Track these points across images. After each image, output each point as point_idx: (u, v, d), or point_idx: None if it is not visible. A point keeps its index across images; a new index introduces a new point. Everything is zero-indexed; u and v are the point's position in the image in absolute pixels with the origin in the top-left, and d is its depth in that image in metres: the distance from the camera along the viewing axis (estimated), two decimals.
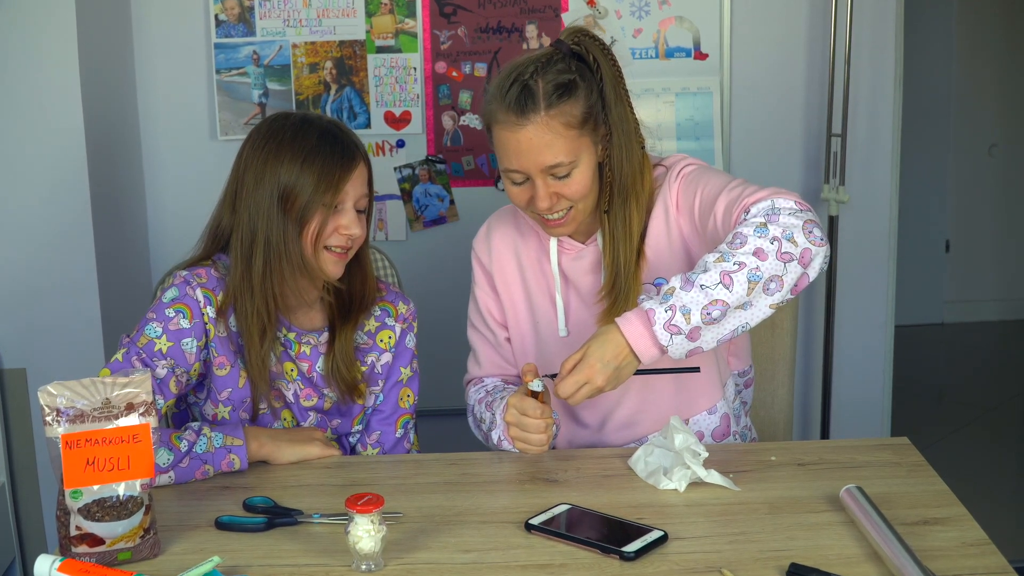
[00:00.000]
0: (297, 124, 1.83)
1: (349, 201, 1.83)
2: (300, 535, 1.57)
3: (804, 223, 1.66)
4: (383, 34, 3.03)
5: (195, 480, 1.77)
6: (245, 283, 1.83)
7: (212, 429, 1.80)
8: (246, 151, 1.86)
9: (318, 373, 1.93)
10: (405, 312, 2.02)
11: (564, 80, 1.77)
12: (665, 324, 1.62)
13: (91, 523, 1.47)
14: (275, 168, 1.80)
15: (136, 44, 3.03)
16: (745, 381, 2.05)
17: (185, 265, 1.90)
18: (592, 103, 1.79)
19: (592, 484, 1.73)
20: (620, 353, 1.66)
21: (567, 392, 1.67)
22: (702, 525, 1.56)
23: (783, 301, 1.65)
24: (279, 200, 1.80)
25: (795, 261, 1.64)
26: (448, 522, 1.60)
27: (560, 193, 1.80)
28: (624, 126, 1.82)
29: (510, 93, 1.76)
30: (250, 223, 1.82)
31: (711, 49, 3.06)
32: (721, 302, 1.62)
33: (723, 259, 1.64)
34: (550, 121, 1.75)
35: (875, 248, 3.22)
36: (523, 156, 1.77)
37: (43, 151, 2.62)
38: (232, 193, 1.86)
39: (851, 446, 1.86)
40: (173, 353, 1.81)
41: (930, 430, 4.26)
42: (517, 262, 2.00)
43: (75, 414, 1.47)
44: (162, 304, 1.83)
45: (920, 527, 1.53)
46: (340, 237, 1.83)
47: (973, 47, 5.45)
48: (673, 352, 1.64)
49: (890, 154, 3.18)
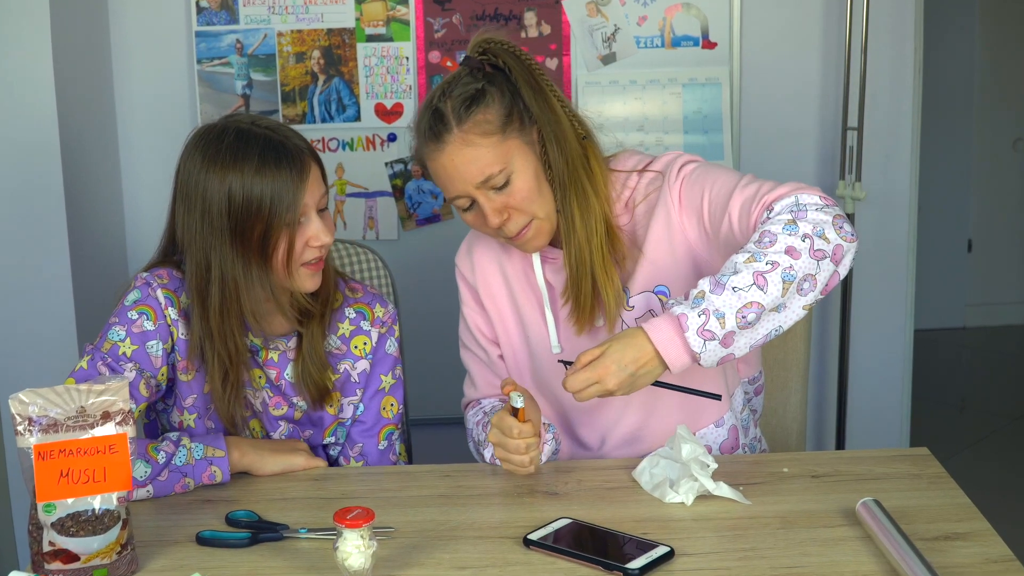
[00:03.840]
0: (234, 143, 1.76)
1: (311, 209, 1.79)
2: (286, 551, 1.57)
3: (833, 218, 1.67)
4: (374, 21, 3.03)
5: (174, 493, 1.77)
6: (203, 323, 1.81)
7: (192, 440, 1.80)
8: (183, 178, 1.80)
9: (287, 381, 1.92)
10: (383, 315, 2.00)
11: (470, 92, 1.81)
12: (699, 330, 1.61)
13: (65, 538, 1.47)
14: (220, 199, 1.75)
15: (113, 32, 3.03)
16: (755, 388, 2.05)
17: (145, 268, 1.90)
18: (508, 105, 1.81)
19: (594, 497, 1.73)
20: (641, 359, 1.64)
21: (574, 387, 1.67)
22: (710, 541, 1.56)
23: (815, 302, 1.66)
24: (231, 234, 1.76)
25: (828, 258, 1.65)
26: (442, 537, 1.60)
27: (508, 205, 1.81)
28: (550, 118, 1.83)
29: (424, 123, 1.82)
30: (203, 258, 1.78)
31: (720, 37, 3.07)
32: (756, 304, 1.61)
33: (754, 259, 1.63)
34: (465, 136, 1.78)
35: (893, 248, 3.22)
36: (453, 179, 1.80)
37: (13, 144, 2.62)
38: (178, 222, 1.82)
39: (868, 457, 1.86)
40: (138, 357, 1.81)
41: (951, 440, 4.26)
42: (503, 275, 2.00)
43: (48, 423, 1.47)
44: (124, 307, 1.84)
45: (941, 543, 1.53)
46: (313, 250, 1.81)
47: (996, 35, 5.46)
48: (705, 360, 1.63)
49: (909, 149, 3.18)
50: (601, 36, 3.04)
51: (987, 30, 5.45)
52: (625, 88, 3.05)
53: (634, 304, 1.88)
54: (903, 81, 3.15)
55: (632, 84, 3.05)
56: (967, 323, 5.72)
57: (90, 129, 2.88)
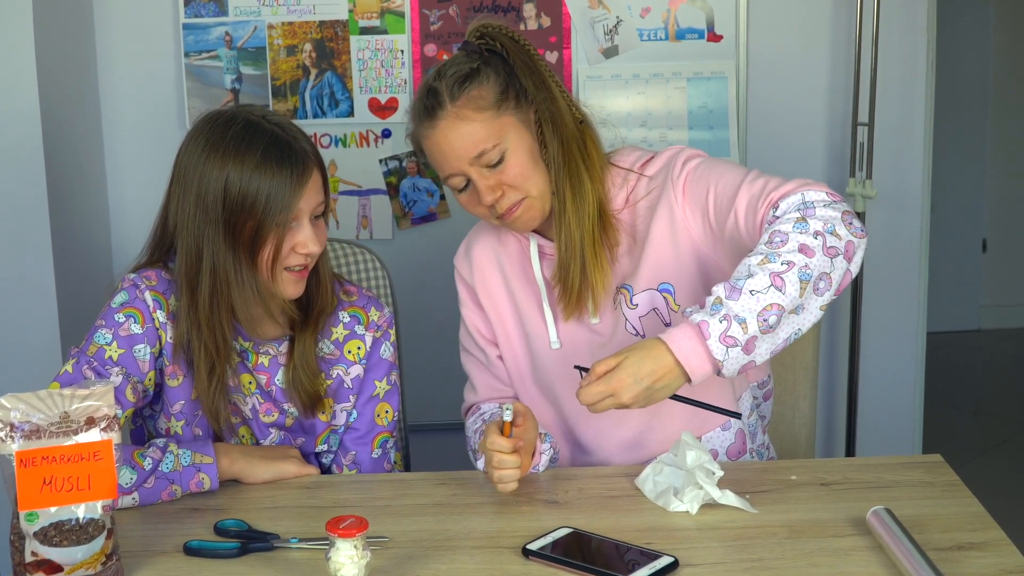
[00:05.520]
0: (239, 133, 1.78)
1: (305, 216, 1.80)
2: (276, 561, 1.57)
3: (842, 214, 1.68)
4: (367, 14, 3.03)
5: (161, 502, 1.77)
6: (191, 313, 1.82)
7: (180, 446, 1.80)
8: (182, 160, 1.82)
9: (278, 387, 1.93)
10: (378, 319, 2.00)
11: (464, 70, 1.85)
12: (721, 336, 1.61)
13: (48, 548, 1.47)
14: (216, 188, 1.77)
15: (97, 25, 3.03)
16: (764, 393, 2.06)
17: (133, 269, 1.90)
18: (504, 83, 1.85)
19: (595, 506, 1.73)
20: (658, 371, 1.64)
21: (587, 400, 1.66)
22: (716, 551, 1.57)
23: (830, 302, 1.67)
24: (224, 226, 1.77)
25: (841, 255, 1.66)
26: (438, 547, 1.60)
27: (501, 182, 1.84)
28: (545, 96, 1.87)
29: (419, 104, 1.87)
30: (194, 245, 1.80)
31: (726, 30, 3.07)
32: (776, 306, 1.62)
33: (768, 260, 1.64)
34: (459, 111, 1.83)
35: (905, 248, 3.22)
36: (447, 155, 1.84)
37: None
38: (172, 206, 1.84)
39: (879, 464, 1.86)
40: (125, 361, 1.81)
41: (965, 446, 4.26)
42: (501, 272, 2.01)
43: (31, 429, 1.47)
44: (111, 309, 1.84)
45: (955, 552, 1.53)
46: (298, 256, 1.82)
47: (1012, 27, 5.46)
48: (727, 368, 1.63)
49: (921, 145, 3.18)
50: (603, 28, 3.04)
51: (1003, 22, 5.45)
52: (628, 82, 3.05)
53: (638, 303, 1.89)
54: (916, 75, 3.15)
55: (635, 78, 3.06)
56: (981, 325, 5.72)
57: (74, 125, 2.88)
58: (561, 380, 1.96)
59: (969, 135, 5.46)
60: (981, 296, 5.69)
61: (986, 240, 5.64)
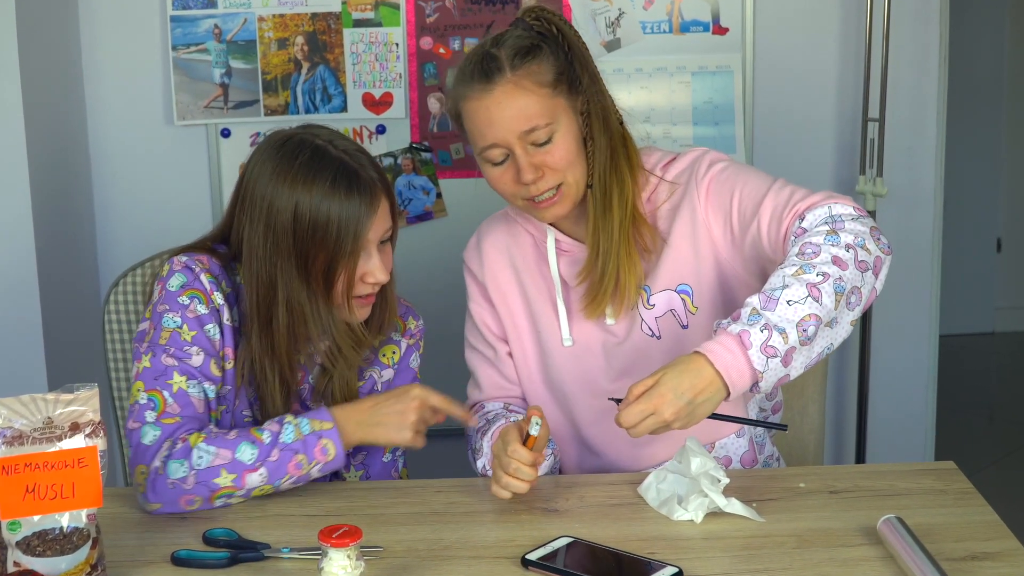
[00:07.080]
0: (308, 161, 1.80)
1: (373, 245, 1.83)
2: (267, 572, 1.57)
3: (871, 229, 1.71)
4: (361, 5, 3.03)
5: (288, 476, 1.76)
6: (265, 345, 1.85)
7: (296, 416, 1.81)
8: (250, 183, 1.84)
9: (309, 385, 1.94)
10: (414, 328, 2.05)
11: (525, 44, 1.84)
12: (762, 346, 1.61)
13: (31, 558, 1.47)
14: (286, 217, 1.79)
15: (82, 17, 3.03)
16: (773, 406, 2.05)
17: (177, 252, 1.91)
18: (560, 66, 1.85)
19: (597, 514, 1.73)
20: (699, 384, 1.63)
21: (629, 422, 1.65)
22: (721, 561, 1.57)
23: (857, 318, 1.68)
24: (297, 258, 1.80)
25: (870, 270, 1.69)
26: (434, 557, 1.60)
27: (544, 163, 1.83)
28: (598, 90, 1.88)
29: (472, 67, 1.84)
30: (267, 276, 1.82)
31: (732, 22, 3.07)
32: (814, 316, 1.62)
33: (803, 271, 1.65)
34: (519, 80, 1.82)
35: (917, 248, 3.22)
36: (496, 124, 1.82)
37: None
38: (239, 227, 1.86)
39: (890, 471, 1.86)
40: (199, 341, 1.83)
41: (979, 453, 4.27)
42: (512, 267, 2.01)
43: (13, 435, 1.47)
44: (171, 293, 1.84)
45: (968, 562, 1.53)
46: (367, 286, 1.85)
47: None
48: (765, 382, 1.63)
49: (934, 141, 3.19)
50: (604, 21, 3.05)
51: (1018, 15, 5.45)
52: (630, 77, 3.05)
53: (655, 303, 1.90)
54: (928, 68, 3.16)
55: (638, 72, 3.06)
56: (996, 328, 5.73)
57: (58, 121, 2.88)
58: (571, 378, 1.97)
59: (983, 131, 5.47)
60: (996, 298, 5.69)
61: (1001, 239, 5.64)
